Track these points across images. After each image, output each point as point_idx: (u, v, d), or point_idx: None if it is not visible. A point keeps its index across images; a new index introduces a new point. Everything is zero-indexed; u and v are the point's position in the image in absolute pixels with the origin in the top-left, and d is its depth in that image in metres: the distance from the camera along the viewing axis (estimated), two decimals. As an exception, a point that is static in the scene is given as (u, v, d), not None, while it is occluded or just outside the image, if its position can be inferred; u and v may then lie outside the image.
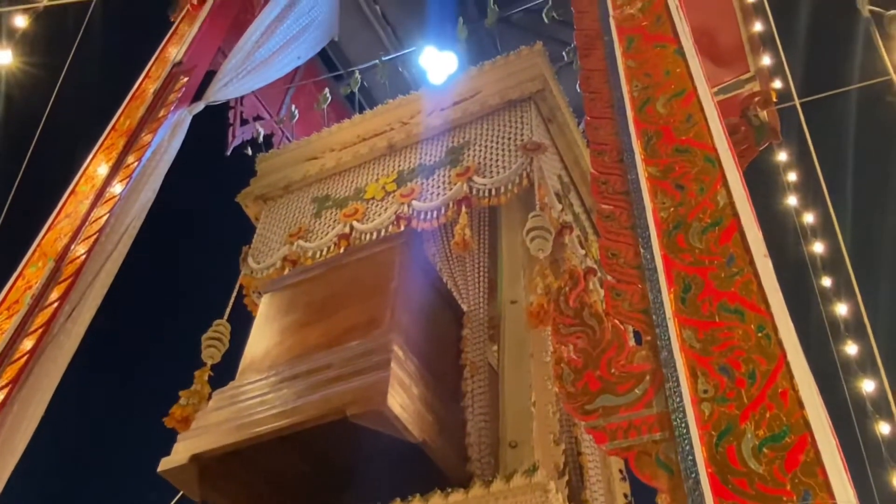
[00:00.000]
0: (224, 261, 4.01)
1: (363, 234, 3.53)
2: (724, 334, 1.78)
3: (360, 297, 2.99)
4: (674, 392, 1.74)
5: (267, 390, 2.77)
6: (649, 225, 2.09)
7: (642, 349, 1.90)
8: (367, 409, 2.46)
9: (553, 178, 3.54)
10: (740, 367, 1.72)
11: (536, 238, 2.89)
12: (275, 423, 2.60)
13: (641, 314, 1.95)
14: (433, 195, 3.48)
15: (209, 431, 2.72)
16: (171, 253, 5.01)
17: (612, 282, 2.07)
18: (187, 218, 5.04)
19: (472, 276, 3.44)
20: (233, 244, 3.97)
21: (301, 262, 3.62)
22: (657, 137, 2.30)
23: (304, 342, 2.93)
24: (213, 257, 4.73)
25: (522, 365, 3.06)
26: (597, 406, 1.83)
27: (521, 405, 2.92)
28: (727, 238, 1.96)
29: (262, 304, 3.31)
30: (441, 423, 2.74)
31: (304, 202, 3.99)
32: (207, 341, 3.37)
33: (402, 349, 2.70)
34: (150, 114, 4.15)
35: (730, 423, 1.64)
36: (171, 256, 5.04)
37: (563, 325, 2.03)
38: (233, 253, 3.90)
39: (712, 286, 1.88)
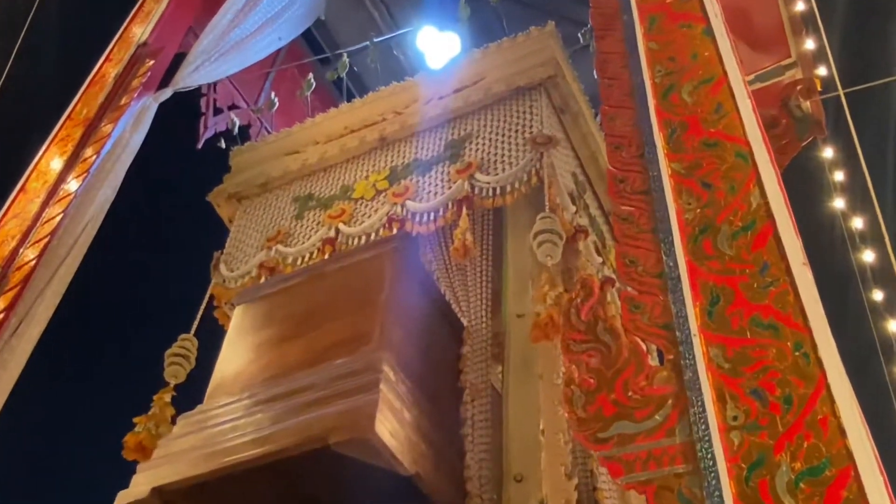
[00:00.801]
0: (193, 268, 4.02)
1: (351, 238, 3.54)
2: (757, 353, 1.78)
3: (347, 309, 2.99)
4: (699, 418, 1.73)
5: (239, 414, 2.77)
6: (672, 228, 2.08)
7: (664, 369, 1.89)
8: (353, 437, 2.45)
9: (566, 175, 3.55)
10: (774, 391, 1.71)
11: (544, 243, 2.89)
12: (248, 451, 2.59)
13: (663, 329, 1.94)
14: (430, 194, 3.49)
15: (173, 461, 2.72)
16: (133, 259, 5.01)
17: (629, 292, 2.07)
18: (151, 219, 5.05)
19: (473, 286, 3.45)
20: (203, 249, 3.97)
21: (280, 269, 3.62)
22: (682, 130, 2.29)
23: (282, 360, 2.94)
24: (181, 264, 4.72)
25: (530, 387, 3.06)
26: (611, 434, 1.82)
27: (528, 433, 2.92)
28: (761, 244, 1.95)
29: (236, 316, 3.31)
30: (437, 453, 2.74)
31: (283, 202, 4.00)
32: (171, 358, 3.35)
33: (392, 369, 2.70)
34: (111, 101, 4.16)
35: (762, 454, 1.63)
36: (133, 262, 5.04)
37: (573, 341, 2.03)
38: (203, 259, 3.91)
39: (743, 298, 1.88)
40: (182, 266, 4.62)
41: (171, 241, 5.03)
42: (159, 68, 4.31)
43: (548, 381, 3.09)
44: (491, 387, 3.18)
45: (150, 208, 4.94)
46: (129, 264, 5.04)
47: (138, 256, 5.00)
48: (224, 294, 3.71)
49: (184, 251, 4.76)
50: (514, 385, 3.11)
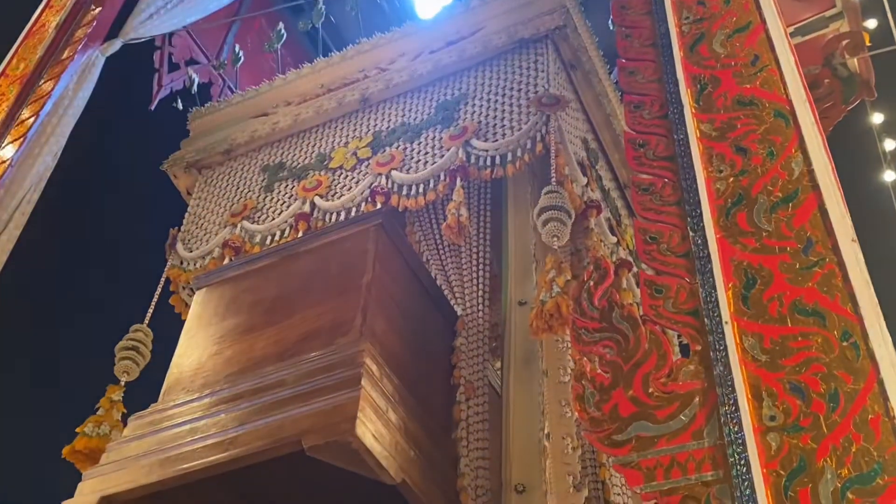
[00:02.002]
0: (146, 247, 3.98)
1: (328, 213, 3.52)
2: (799, 343, 1.76)
3: (323, 295, 2.96)
4: (731, 418, 1.71)
5: (199, 415, 2.75)
6: (701, 200, 2.06)
7: (690, 363, 1.87)
8: (330, 440, 2.43)
9: (576, 142, 3.53)
10: (818, 387, 1.69)
11: (550, 221, 2.88)
12: (209, 456, 2.57)
13: (689, 316, 1.93)
14: (419, 164, 3.48)
15: (124, 467, 2.70)
16: (77, 237, 4.96)
17: (650, 274, 2.05)
18: (97, 191, 4.99)
19: (468, 270, 3.43)
20: (157, 226, 3.94)
21: (246, 249, 3.60)
22: (713, 85, 2.27)
23: (248, 353, 2.91)
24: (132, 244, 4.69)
25: (533, 385, 3.05)
26: (629, 436, 1.80)
27: (531, 438, 2.91)
28: (804, 217, 1.94)
29: (195, 302, 3.28)
30: (426, 459, 2.72)
31: (250, 172, 3.98)
32: (122, 353, 3.35)
33: (376, 363, 2.68)
34: (51, 55, 4.13)
35: (804, 458, 1.61)
36: (77, 241, 4.99)
37: (585, 330, 2.01)
38: (157, 238, 3.88)
39: (783, 280, 1.86)
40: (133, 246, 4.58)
41: (121, 217, 4.98)
42: (107, 17, 4.27)
43: (553, 378, 3.07)
44: (488, 384, 3.18)
45: (96, 179, 4.88)
46: (72, 244, 4.99)
47: (82, 235, 4.95)
48: (181, 277, 3.70)
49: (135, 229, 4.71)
50: (514, 382, 3.09)
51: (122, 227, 4.95)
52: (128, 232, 4.89)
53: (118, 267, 4.91)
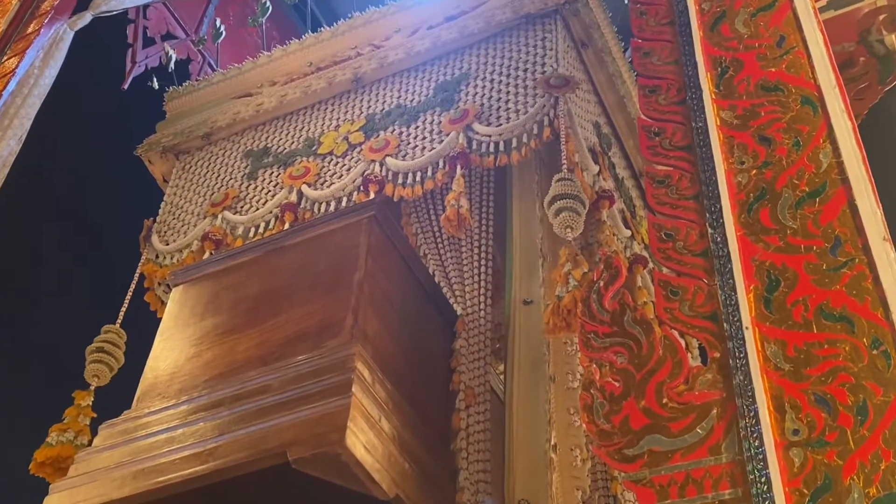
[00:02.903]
0: (118, 240, 3.98)
1: (316, 203, 3.53)
2: (825, 351, 1.77)
3: (311, 293, 2.97)
4: (751, 432, 1.73)
5: (176, 423, 2.76)
6: (721, 194, 2.07)
7: (707, 371, 1.88)
8: (318, 452, 2.44)
9: (587, 126, 3.53)
10: (846, 398, 1.70)
11: (563, 210, 2.89)
12: (186, 469, 2.58)
13: (707, 321, 1.94)
14: (416, 150, 3.48)
15: (94, 479, 2.71)
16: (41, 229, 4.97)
17: (666, 274, 2.06)
18: (65, 178, 4.99)
19: (469, 265, 3.44)
20: (131, 216, 3.94)
21: (228, 242, 3.62)
22: (735, 69, 2.27)
23: (229, 356, 2.92)
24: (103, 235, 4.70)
25: (539, 392, 3.06)
26: (641, 450, 1.81)
27: (537, 449, 2.93)
28: (832, 214, 1.94)
29: (172, 301, 3.29)
30: (423, 471, 2.74)
31: (232, 157, 3.99)
32: (92, 355, 3.36)
33: (368, 367, 2.69)
34: (15, 29, 4.12)
35: (829, 476, 1.62)
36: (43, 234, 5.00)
37: (595, 334, 2.02)
38: (131, 229, 3.88)
39: (809, 282, 1.87)
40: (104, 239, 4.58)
41: (90, 207, 4.98)
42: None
43: (561, 385, 3.09)
44: (490, 390, 3.19)
45: (64, 164, 4.88)
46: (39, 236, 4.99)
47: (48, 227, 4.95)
48: (157, 273, 3.72)
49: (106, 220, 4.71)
50: (519, 389, 3.10)
51: (91, 218, 4.95)
52: (98, 223, 4.90)
53: (87, 262, 4.92)
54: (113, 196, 4.85)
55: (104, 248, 4.64)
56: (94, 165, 4.90)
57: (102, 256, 4.64)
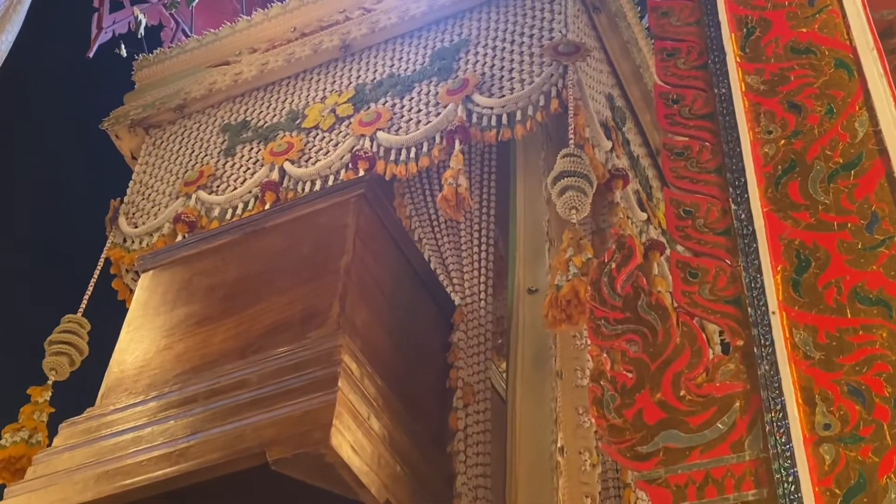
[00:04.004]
0: (82, 222, 3.97)
1: (300, 182, 3.53)
2: (860, 337, 1.76)
3: (293, 279, 2.97)
4: (777, 427, 1.72)
5: (144, 421, 2.75)
6: (746, 166, 2.07)
7: (729, 361, 1.88)
8: (300, 452, 2.44)
9: (599, 98, 3.53)
10: (882, 390, 1.69)
11: (568, 190, 2.89)
12: (155, 471, 2.58)
13: (730, 306, 1.93)
14: (411, 123, 3.47)
15: (54, 482, 2.70)
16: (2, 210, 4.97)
17: (684, 255, 2.05)
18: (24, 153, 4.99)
19: (468, 251, 3.44)
20: (97, 196, 3.94)
21: (203, 224, 3.61)
22: (762, 29, 2.27)
23: (203, 347, 2.92)
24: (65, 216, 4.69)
25: (544, 389, 3.06)
26: (656, 447, 1.80)
27: (542, 452, 2.93)
28: (868, 188, 1.94)
29: (140, 287, 3.29)
30: (416, 476, 2.74)
31: (208, 132, 3.99)
32: (52, 347, 3.35)
33: (356, 360, 2.69)
34: (-31, -10, 4.10)
35: (863, 475, 1.61)
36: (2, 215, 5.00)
37: (605, 321, 2.01)
38: (96, 210, 3.88)
39: (842, 263, 1.86)
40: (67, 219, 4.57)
41: (51, 186, 4.97)
42: (36, -56, 4.23)
43: (569, 381, 3.08)
44: (491, 388, 3.19)
45: (22, 138, 4.87)
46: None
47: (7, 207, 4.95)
48: (125, 258, 3.71)
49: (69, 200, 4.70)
50: (523, 386, 3.10)
51: (52, 198, 4.95)
52: (59, 203, 4.89)
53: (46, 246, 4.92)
54: (76, 174, 4.84)
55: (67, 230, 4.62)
56: (55, 140, 4.88)
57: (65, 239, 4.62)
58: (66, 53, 4.77)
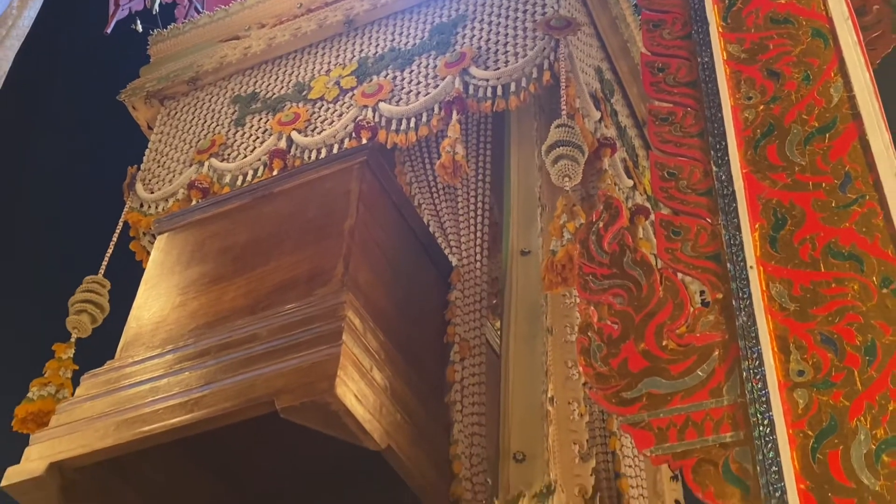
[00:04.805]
0: (101, 189, 3.96)
1: (306, 150, 3.50)
2: (833, 290, 1.76)
3: (300, 241, 2.96)
4: (754, 374, 1.71)
5: (161, 373, 2.75)
6: (727, 130, 2.05)
7: (709, 312, 1.87)
8: (307, 401, 2.43)
9: (589, 71, 3.50)
10: (853, 339, 1.69)
11: (561, 159, 2.86)
12: (171, 418, 2.58)
13: (710, 261, 1.93)
14: (411, 94, 3.45)
15: (76, 430, 2.70)
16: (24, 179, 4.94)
17: (667, 214, 2.04)
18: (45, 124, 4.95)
19: (465, 215, 3.42)
20: (114, 164, 3.90)
21: (215, 190, 3.59)
22: (743, 0, 2.25)
23: (216, 304, 2.91)
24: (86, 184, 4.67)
25: (536, 344, 3.05)
26: (640, 393, 1.80)
27: (533, 402, 2.92)
28: (842, 150, 1.93)
29: (156, 249, 3.28)
30: (416, 424, 2.74)
31: (219, 103, 3.96)
32: (75, 306, 3.35)
33: (359, 316, 2.68)
34: (-8, -32, 4.05)
35: (835, 418, 1.61)
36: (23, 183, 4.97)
37: (593, 276, 2.00)
38: (114, 177, 3.86)
39: (817, 220, 1.86)
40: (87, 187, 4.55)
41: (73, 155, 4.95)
42: (55, -76, 4.19)
43: (559, 337, 3.08)
44: (486, 343, 3.18)
45: (44, 110, 4.84)
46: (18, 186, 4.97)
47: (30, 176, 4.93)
48: (142, 222, 3.69)
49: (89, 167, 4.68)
50: (516, 341, 3.09)
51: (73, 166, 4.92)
52: (80, 171, 4.87)
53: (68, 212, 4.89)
54: (95, 143, 4.81)
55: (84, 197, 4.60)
56: (74, 111, 4.85)
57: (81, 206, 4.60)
58: (85, 30, 4.72)
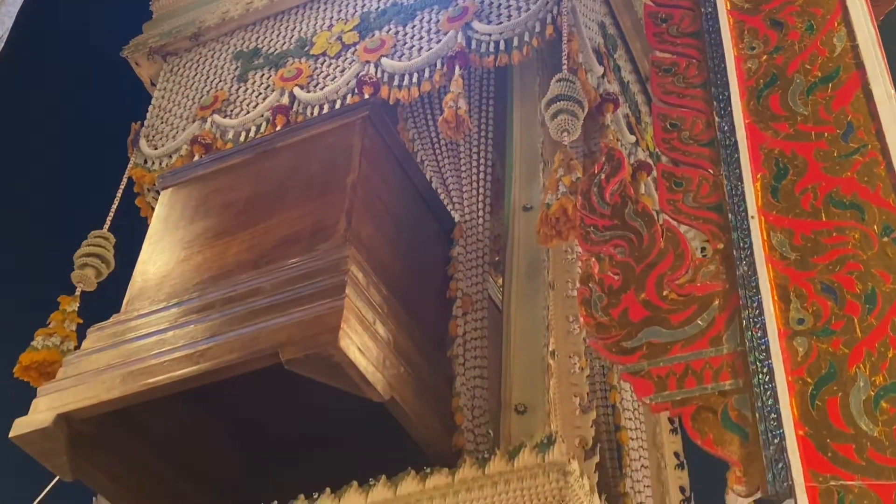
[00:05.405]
0: (105, 144, 3.94)
1: (309, 106, 3.48)
2: (833, 239, 1.75)
3: (303, 195, 2.95)
4: (753, 322, 1.71)
5: (166, 326, 2.76)
6: (730, 81, 2.03)
7: (710, 262, 1.86)
8: (310, 352, 2.44)
9: (592, 26, 3.46)
10: (854, 287, 1.68)
11: (560, 113, 2.85)
12: (177, 370, 2.59)
13: (711, 212, 1.92)
14: (413, 50, 3.42)
15: (83, 382, 2.72)
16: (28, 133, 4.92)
17: (669, 165, 2.02)
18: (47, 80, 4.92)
19: (467, 170, 3.40)
20: (118, 120, 3.88)
21: (218, 146, 3.57)
22: (746, -50, 2.21)
23: (220, 259, 2.91)
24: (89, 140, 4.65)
25: (537, 298, 3.05)
26: (640, 342, 1.80)
27: (534, 355, 2.92)
28: (845, 99, 1.91)
29: (160, 204, 3.27)
30: (418, 376, 2.74)
31: (222, 59, 3.93)
32: (81, 259, 3.35)
33: (362, 270, 2.67)
34: (-8, -77, 4.00)
35: (834, 365, 1.61)
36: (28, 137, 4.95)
37: (594, 227, 1.99)
38: (118, 134, 3.84)
39: (819, 170, 1.84)
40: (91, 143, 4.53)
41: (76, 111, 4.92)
42: None
43: (560, 291, 3.08)
44: (488, 298, 3.18)
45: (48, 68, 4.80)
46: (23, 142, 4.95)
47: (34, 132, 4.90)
48: (146, 178, 3.69)
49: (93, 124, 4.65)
50: (517, 295, 3.09)
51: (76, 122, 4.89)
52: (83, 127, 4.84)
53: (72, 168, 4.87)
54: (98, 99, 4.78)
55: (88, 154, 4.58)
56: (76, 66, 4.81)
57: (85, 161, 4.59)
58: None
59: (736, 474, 1.62)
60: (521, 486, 2.41)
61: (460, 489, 2.44)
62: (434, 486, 2.46)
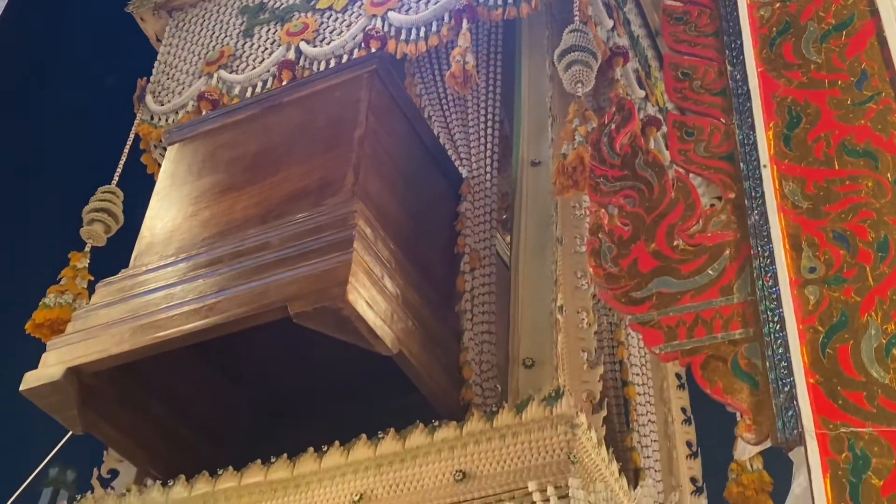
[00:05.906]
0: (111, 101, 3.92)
1: (315, 61, 3.46)
2: (846, 187, 1.72)
3: (310, 150, 2.93)
4: (765, 271, 1.69)
5: (174, 280, 2.77)
6: (742, 29, 1.99)
7: (721, 212, 1.84)
8: (319, 306, 2.44)
9: (601, -22, 3.40)
10: (866, 235, 1.66)
11: (574, 63, 2.81)
12: (186, 323, 2.60)
13: (723, 162, 1.89)
14: (420, 3, 3.38)
15: (92, 336, 2.73)
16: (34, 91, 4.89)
17: (680, 115, 1.99)
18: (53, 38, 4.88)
19: (475, 126, 3.38)
20: (124, 77, 3.88)
21: (224, 102, 3.55)
22: None
23: (228, 214, 2.91)
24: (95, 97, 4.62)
25: (546, 254, 3.04)
26: (650, 292, 1.78)
27: (542, 310, 2.92)
28: (859, 47, 1.87)
29: (167, 159, 3.26)
30: (426, 331, 2.75)
31: (228, 14, 3.90)
32: (89, 215, 3.34)
33: (370, 225, 2.66)
34: None
35: (846, 313, 1.59)
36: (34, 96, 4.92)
37: (604, 178, 1.96)
38: (124, 90, 3.84)
39: (832, 118, 1.81)
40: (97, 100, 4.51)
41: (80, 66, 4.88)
42: None
43: (569, 247, 3.07)
44: (496, 254, 3.16)
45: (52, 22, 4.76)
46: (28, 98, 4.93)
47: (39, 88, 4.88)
48: (152, 134, 3.68)
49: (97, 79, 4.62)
50: (525, 251, 3.08)
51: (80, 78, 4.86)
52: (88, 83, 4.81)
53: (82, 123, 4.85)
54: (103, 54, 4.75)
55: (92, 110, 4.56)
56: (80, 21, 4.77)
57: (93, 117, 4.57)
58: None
59: (745, 422, 1.61)
60: (528, 438, 2.42)
61: (468, 442, 2.45)
62: (442, 438, 2.48)
